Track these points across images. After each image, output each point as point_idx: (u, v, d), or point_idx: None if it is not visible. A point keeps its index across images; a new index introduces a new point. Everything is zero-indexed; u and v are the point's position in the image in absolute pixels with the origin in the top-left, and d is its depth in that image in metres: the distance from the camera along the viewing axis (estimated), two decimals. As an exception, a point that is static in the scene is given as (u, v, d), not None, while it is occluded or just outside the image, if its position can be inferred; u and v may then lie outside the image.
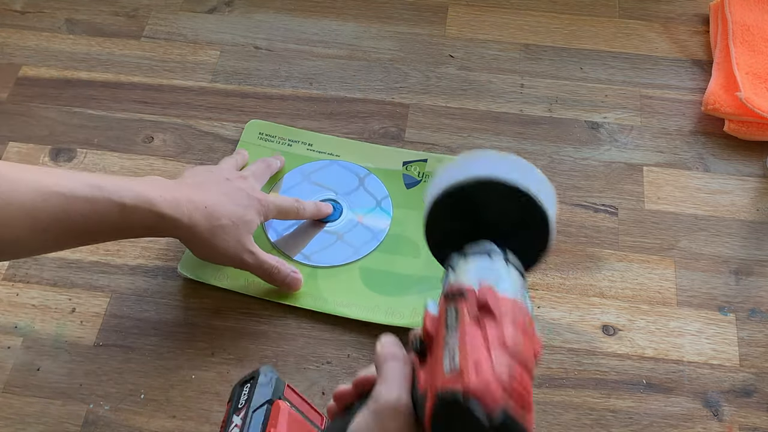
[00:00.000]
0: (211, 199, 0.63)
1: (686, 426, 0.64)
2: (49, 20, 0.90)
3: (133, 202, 0.58)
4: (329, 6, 0.92)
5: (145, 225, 0.59)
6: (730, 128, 0.79)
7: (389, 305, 0.69)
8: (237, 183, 0.67)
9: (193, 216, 0.61)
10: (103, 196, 0.57)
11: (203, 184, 0.65)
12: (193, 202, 0.61)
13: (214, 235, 0.63)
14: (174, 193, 0.61)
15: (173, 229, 0.61)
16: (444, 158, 0.77)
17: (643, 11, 0.91)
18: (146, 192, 0.59)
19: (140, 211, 0.58)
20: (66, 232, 0.56)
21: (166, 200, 0.59)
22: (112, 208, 0.57)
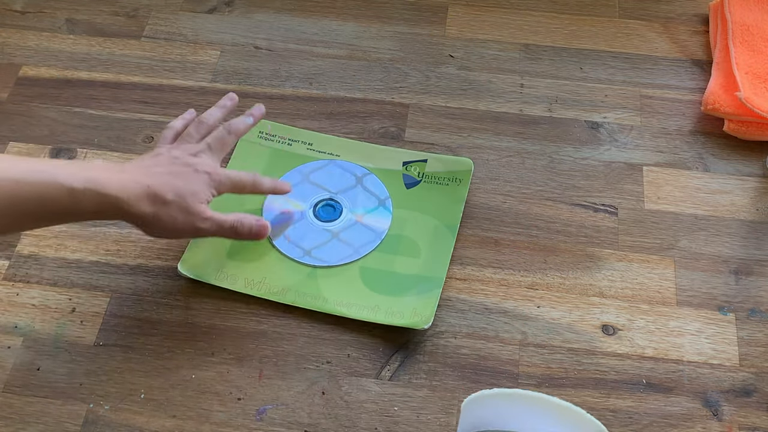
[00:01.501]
0: (155, 178, 0.63)
1: (686, 426, 0.64)
2: (49, 20, 0.90)
3: (81, 185, 0.59)
4: (329, 6, 0.92)
5: (93, 209, 0.60)
6: (730, 128, 0.79)
7: (389, 305, 0.69)
8: (185, 159, 0.66)
9: (138, 196, 0.62)
10: (52, 180, 0.58)
11: (149, 166, 0.65)
12: (138, 182, 0.62)
13: (160, 213, 0.63)
14: (120, 176, 0.62)
15: (120, 211, 0.62)
16: (444, 158, 0.77)
17: (643, 11, 0.91)
18: (94, 176, 0.60)
19: (89, 195, 0.59)
20: (20, 217, 0.58)
21: (112, 183, 0.60)
22: (62, 192, 0.58)
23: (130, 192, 0.61)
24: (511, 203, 0.76)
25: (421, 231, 0.73)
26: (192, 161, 0.66)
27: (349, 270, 0.71)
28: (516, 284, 0.71)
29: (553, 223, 0.75)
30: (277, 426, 0.64)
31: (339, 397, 0.65)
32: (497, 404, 0.47)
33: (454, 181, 0.76)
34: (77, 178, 0.59)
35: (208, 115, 0.72)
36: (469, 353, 0.67)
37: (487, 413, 0.47)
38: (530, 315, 0.69)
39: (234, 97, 0.75)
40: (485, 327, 0.69)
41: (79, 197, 0.59)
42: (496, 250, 0.73)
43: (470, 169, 0.76)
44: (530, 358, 0.67)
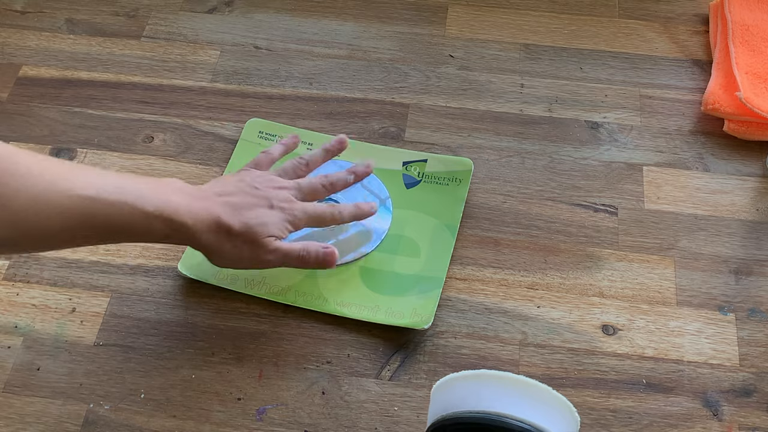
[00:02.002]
0: (226, 208, 0.62)
1: (686, 426, 0.64)
2: (49, 20, 0.90)
3: (154, 210, 0.58)
4: (329, 6, 0.92)
5: (163, 233, 0.59)
6: (730, 128, 0.79)
7: (389, 305, 0.69)
8: (264, 192, 0.65)
9: (206, 226, 0.61)
10: (126, 201, 0.57)
11: (224, 194, 0.63)
12: (208, 211, 0.61)
13: (225, 244, 0.62)
14: (193, 201, 0.61)
15: (186, 238, 0.61)
16: (444, 158, 0.77)
17: (643, 11, 0.91)
18: (168, 198, 0.59)
19: (160, 219, 0.58)
20: (91, 234, 0.57)
21: (182, 208, 0.59)
22: (135, 214, 0.57)
23: (198, 220, 0.60)
24: (511, 203, 0.76)
25: (421, 231, 0.73)
26: (271, 194, 0.65)
27: (350, 270, 0.71)
28: (516, 284, 0.71)
29: (553, 223, 0.75)
30: (277, 426, 0.64)
31: (339, 397, 0.65)
32: (466, 386, 0.48)
33: (454, 181, 0.76)
34: (151, 202, 0.58)
35: (311, 156, 0.71)
36: (469, 353, 0.67)
37: (456, 396, 0.48)
38: (530, 315, 0.69)
39: (344, 141, 0.73)
40: (485, 327, 0.69)
41: (151, 221, 0.58)
42: (496, 250, 0.73)
43: (470, 169, 0.76)
44: (530, 358, 0.67)
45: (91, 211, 0.55)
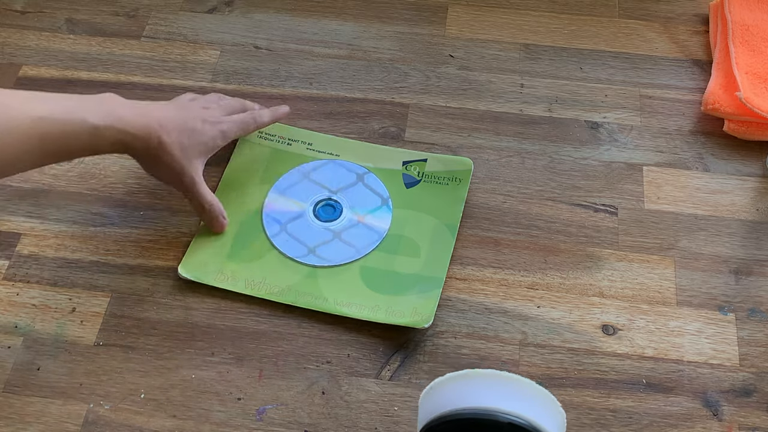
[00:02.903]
0: (165, 115, 0.68)
1: (686, 426, 0.64)
2: (49, 20, 0.90)
3: (103, 122, 0.63)
4: (329, 6, 0.92)
5: (111, 144, 0.64)
6: (730, 128, 0.79)
7: (390, 304, 0.69)
8: (195, 111, 0.71)
9: (148, 130, 0.66)
10: (77, 117, 0.62)
11: (161, 107, 0.69)
12: (149, 117, 0.66)
13: (159, 150, 0.67)
14: (134, 109, 0.66)
15: (131, 145, 0.66)
16: (443, 158, 0.77)
17: (643, 11, 0.91)
18: (114, 110, 0.64)
19: (110, 131, 0.63)
20: (47, 153, 0.62)
21: (128, 117, 0.65)
22: (85, 129, 0.62)
23: (141, 127, 0.65)
24: (511, 203, 0.76)
25: (421, 230, 0.73)
26: (201, 113, 0.71)
27: (350, 270, 0.71)
28: (516, 284, 0.71)
29: (553, 223, 0.75)
30: (277, 426, 0.64)
31: (339, 397, 0.65)
32: (451, 389, 0.48)
33: (454, 181, 0.76)
34: (98, 115, 0.63)
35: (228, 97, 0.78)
36: (469, 353, 0.67)
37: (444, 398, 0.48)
38: (530, 315, 0.69)
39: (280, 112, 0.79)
40: (485, 327, 0.69)
41: (101, 134, 0.63)
42: (496, 250, 0.73)
43: (470, 169, 0.76)
44: (530, 358, 0.67)
45: (48, 130, 0.60)
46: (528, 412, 0.46)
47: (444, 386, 0.48)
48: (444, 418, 0.47)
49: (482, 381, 0.48)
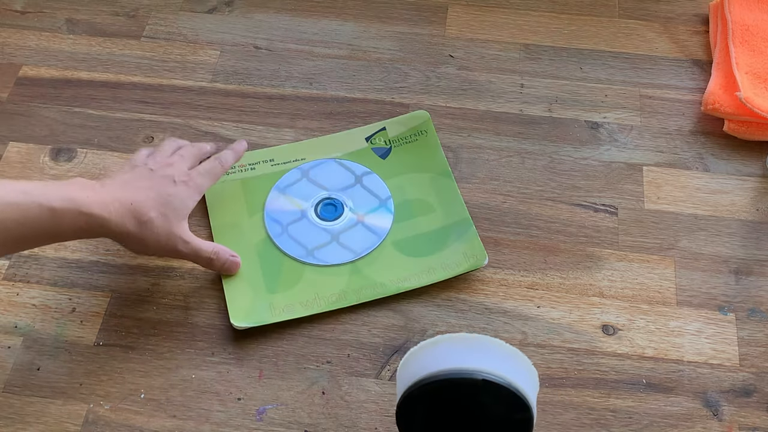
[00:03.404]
0: (136, 194, 0.64)
1: (686, 426, 0.64)
2: (49, 20, 0.90)
3: (61, 205, 0.59)
4: (329, 6, 0.92)
5: (75, 227, 0.60)
6: (730, 128, 0.79)
7: (440, 261, 0.70)
8: (162, 171, 0.67)
9: (121, 214, 0.62)
10: (33, 201, 0.58)
11: (128, 182, 0.65)
12: (118, 200, 0.62)
13: (143, 230, 0.63)
14: (100, 194, 0.62)
15: (103, 229, 0.62)
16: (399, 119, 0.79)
17: (643, 11, 0.91)
18: (73, 194, 0.60)
19: (70, 214, 0.59)
20: (7, 239, 0.58)
21: (93, 201, 0.61)
22: (43, 213, 0.58)
23: (112, 210, 0.62)
24: (511, 203, 0.76)
25: (421, 188, 0.75)
26: (169, 172, 0.67)
27: (384, 250, 0.72)
28: (516, 284, 0.71)
29: (553, 223, 0.75)
30: (277, 426, 0.64)
31: (339, 397, 0.65)
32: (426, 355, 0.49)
33: (421, 134, 0.78)
34: (56, 198, 0.59)
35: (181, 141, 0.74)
36: (469, 353, 0.67)
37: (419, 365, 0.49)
38: (530, 315, 0.69)
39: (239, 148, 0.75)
40: (485, 327, 0.69)
41: (60, 217, 0.59)
42: (496, 250, 0.73)
43: (428, 118, 0.79)
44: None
45: (3, 215, 0.57)
46: (501, 369, 0.47)
47: (418, 354, 0.49)
48: (421, 382, 0.48)
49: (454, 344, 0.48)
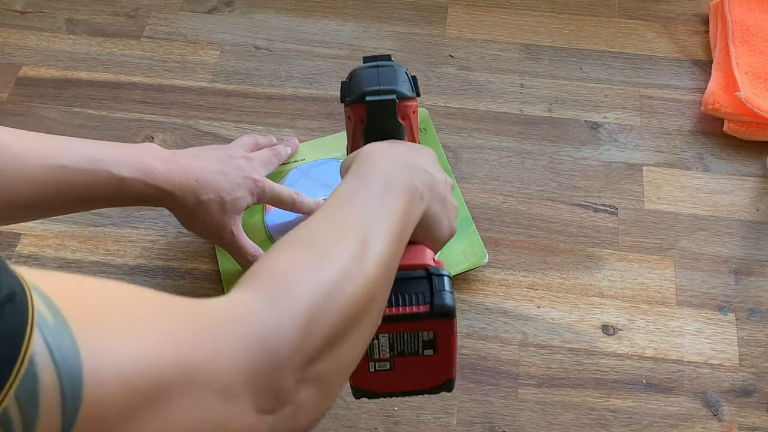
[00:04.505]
0: (203, 172, 0.64)
1: (686, 426, 0.64)
2: (49, 20, 0.90)
3: (130, 174, 0.60)
4: (329, 6, 0.92)
5: (139, 196, 0.61)
6: (730, 128, 0.79)
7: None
8: (237, 161, 0.67)
9: (184, 188, 0.63)
10: (103, 168, 0.59)
11: (201, 158, 0.66)
12: (185, 174, 0.63)
13: (198, 208, 0.64)
14: (169, 165, 0.62)
15: (164, 202, 0.63)
16: None
17: (643, 11, 0.91)
18: (144, 164, 0.61)
19: (137, 184, 0.60)
20: (68, 201, 0.59)
21: (161, 173, 0.61)
22: (111, 181, 0.59)
23: (177, 185, 0.62)
24: (511, 203, 0.76)
25: None
26: (243, 164, 0.67)
27: None
28: (516, 284, 0.71)
29: (553, 223, 0.75)
30: (277, 426, 0.64)
31: (339, 397, 0.65)
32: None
33: (420, 132, 0.78)
34: (126, 167, 0.60)
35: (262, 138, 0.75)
36: (469, 353, 0.67)
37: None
38: (530, 315, 0.69)
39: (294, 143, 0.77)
40: (485, 327, 0.68)
41: (127, 186, 0.60)
42: (496, 250, 0.73)
43: (427, 116, 0.78)
44: (530, 358, 0.67)
45: (67, 179, 0.57)
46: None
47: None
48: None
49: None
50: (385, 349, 0.50)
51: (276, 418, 0.34)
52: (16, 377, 0.26)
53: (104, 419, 0.28)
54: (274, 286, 0.36)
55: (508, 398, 0.65)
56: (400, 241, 0.44)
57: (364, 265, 0.39)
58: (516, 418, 0.64)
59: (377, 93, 0.55)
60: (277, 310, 0.34)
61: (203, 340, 0.32)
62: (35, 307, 0.28)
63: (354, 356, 0.39)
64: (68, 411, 0.27)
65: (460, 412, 0.64)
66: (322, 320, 0.35)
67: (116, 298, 0.33)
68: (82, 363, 0.28)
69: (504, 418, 0.64)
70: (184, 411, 0.31)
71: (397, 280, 0.47)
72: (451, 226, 0.53)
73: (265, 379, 0.33)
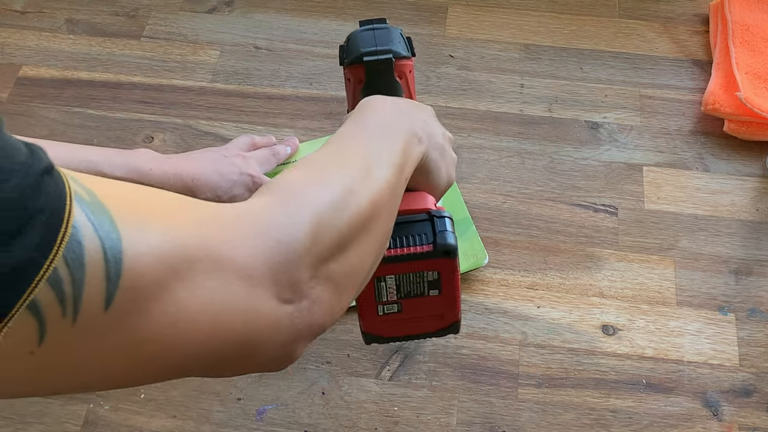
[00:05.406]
0: (198, 172, 0.65)
1: (686, 426, 0.64)
2: (49, 20, 0.90)
3: (124, 175, 0.60)
4: (329, 6, 0.92)
5: None
6: (730, 128, 0.79)
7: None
8: (232, 160, 0.68)
9: (179, 189, 0.63)
10: (96, 170, 0.59)
11: (196, 158, 0.67)
12: (180, 175, 0.64)
13: None
14: (163, 166, 0.63)
15: None
16: None
17: (643, 11, 0.91)
18: (137, 165, 0.61)
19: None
20: None
21: (155, 174, 0.62)
22: None
23: (172, 185, 0.63)
24: (511, 203, 0.76)
25: None
26: (238, 162, 0.68)
27: None
28: (516, 284, 0.71)
29: (553, 223, 0.75)
30: (277, 426, 0.64)
31: (339, 397, 0.65)
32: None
33: None
34: (120, 168, 0.60)
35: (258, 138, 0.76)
36: (469, 353, 0.67)
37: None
38: (530, 315, 0.69)
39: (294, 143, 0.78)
40: (485, 327, 0.69)
41: None
42: (496, 250, 0.73)
43: None
44: (530, 358, 0.67)
45: None
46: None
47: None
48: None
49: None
50: (392, 290, 0.52)
51: (294, 309, 0.37)
52: (62, 240, 0.28)
53: (143, 288, 0.31)
54: (285, 195, 0.39)
55: (508, 398, 0.65)
56: (400, 174, 0.46)
57: (368, 183, 0.42)
58: (516, 418, 0.64)
59: (374, 54, 0.58)
60: (287, 213, 0.37)
61: (226, 233, 0.35)
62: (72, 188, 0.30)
63: (363, 264, 0.42)
64: (111, 276, 0.30)
65: (460, 412, 0.64)
66: (330, 224, 0.38)
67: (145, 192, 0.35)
68: (120, 235, 0.30)
69: (504, 418, 0.64)
70: (211, 288, 0.33)
71: (400, 223, 0.49)
72: (449, 175, 0.55)
73: (282, 270, 0.36)
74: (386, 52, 0.57)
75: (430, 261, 0.51)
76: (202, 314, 0.33)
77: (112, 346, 0.31)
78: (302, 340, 0.38)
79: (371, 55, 0.57)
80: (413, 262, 0.51)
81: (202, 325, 0.33)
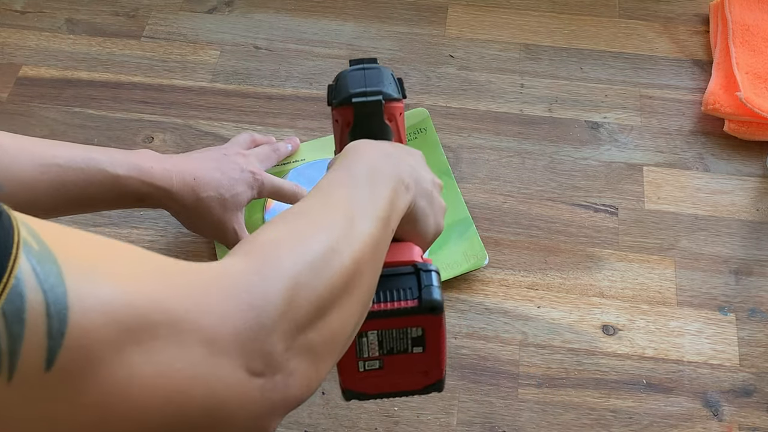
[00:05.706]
0: (200, 170, 0.64)
1: (686, 426, 0.64)
2: (49, 20, 0.90)
3: (125, 173, 0.60)
4: (329, 6, 0.92)
5: (137, 196, 0.61)
6: (730, 128, 0.79)
7: (441, 261, 0.70)
8: (233, 158, 0.68)
9: (181, 188, 0.63)
10: (98, 167, 0.59)
11: (197, 158, 0.66)
12: (182, 173, 0.63)
13: (199, 206, 0.64)
14: (165, 165, 0.63)
15: (162, 200, 0.63)
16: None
17: (643, 11, 0.91)
18: (139, 163, 0.61)
19: (133, 182, 0.60)
20: (63, 202, 0.58)
21: (157, 172, 0.61)
22: (106, 179, 0.59)
23: (174, 183, 0.62)
24: (511, 203, 0.76)
25: None
26: (239, 160, 0.68)
27: None
28: (516, 284, 0.71)
29: (553, 223, 0.75)
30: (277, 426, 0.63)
31: (339, 397, 0.65)
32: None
33: (420, 132, 0.77)
34: (122, 166, 0.60)
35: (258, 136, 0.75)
36: (469, 353, 0.67)
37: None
38: (530, 315, 0.69)
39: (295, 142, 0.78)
40: (485, 327, 0.68)
41: (123, 184, 0.60)
42: (496, 250, 0.73)
43: (427, 116, 0.78)
44: (530, 359, 0.67)
45: (62, 178, 0.57)
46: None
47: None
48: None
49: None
50: (374, 346, 0.50)
51: (266, 383, 0.34)
52: (2, 292, 0.26)
53: (90, 348, 0.29)
54: (261, 255, 0.36)
55: (508, 398, 0.65)
56: (386, 227, 0.44)
57: (351, 240, 0.40)
58: (516, 418, 0.64)
59: (363, 95, 0.55)
60: (263, 275, 0.35)
61: (192, 293, 0.32)
62: (21, 234, 0.28)
63: (344, 330, 0.40)
64: (54, 333, 0.27)
65: (460, 412, 0.64)
66: (309, 287, 0.36)
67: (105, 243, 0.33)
68: (67, 289, 0.28)
69: (504, 418, 0.64)
70: (171, 355, 0.31)
71: (385, 276, 0.47)
72: (437, 223, 0.53)
73: (253, 339, 0.33)
74: (376, 94, 0.55)
75: (415, 317, 0.49)
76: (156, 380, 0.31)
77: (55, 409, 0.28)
78: (276, 414, 0.36)
79: (360, 96, 0.55)
80: (397, 318, 0.49)
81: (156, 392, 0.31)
